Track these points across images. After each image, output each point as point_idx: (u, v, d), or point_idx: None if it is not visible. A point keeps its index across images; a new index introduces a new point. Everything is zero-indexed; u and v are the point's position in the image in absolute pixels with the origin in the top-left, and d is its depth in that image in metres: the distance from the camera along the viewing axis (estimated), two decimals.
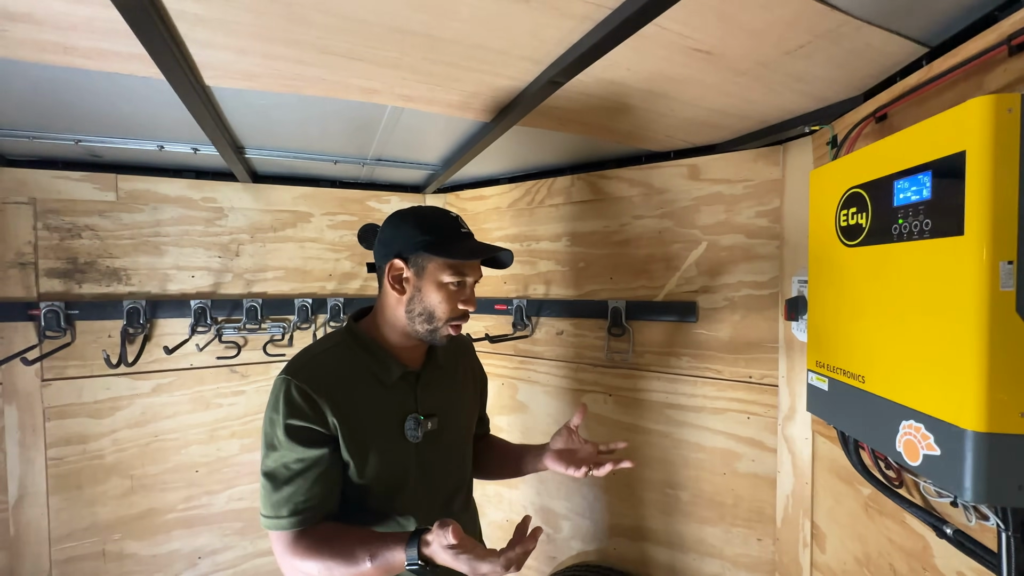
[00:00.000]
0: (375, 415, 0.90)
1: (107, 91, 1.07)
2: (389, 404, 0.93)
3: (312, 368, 0.89)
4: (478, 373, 1.18)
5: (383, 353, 0.94)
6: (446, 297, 0.91)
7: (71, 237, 1.54)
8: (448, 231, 0.92)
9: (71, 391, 1.55)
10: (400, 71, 0.94)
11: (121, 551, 1.62)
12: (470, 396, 1.11)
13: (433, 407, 0.97)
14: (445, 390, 1.03)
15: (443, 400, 1.01)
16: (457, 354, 1.10)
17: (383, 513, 0.93)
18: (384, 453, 0.90)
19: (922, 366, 0.63)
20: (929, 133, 0.62)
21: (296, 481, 0.83)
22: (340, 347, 0.95)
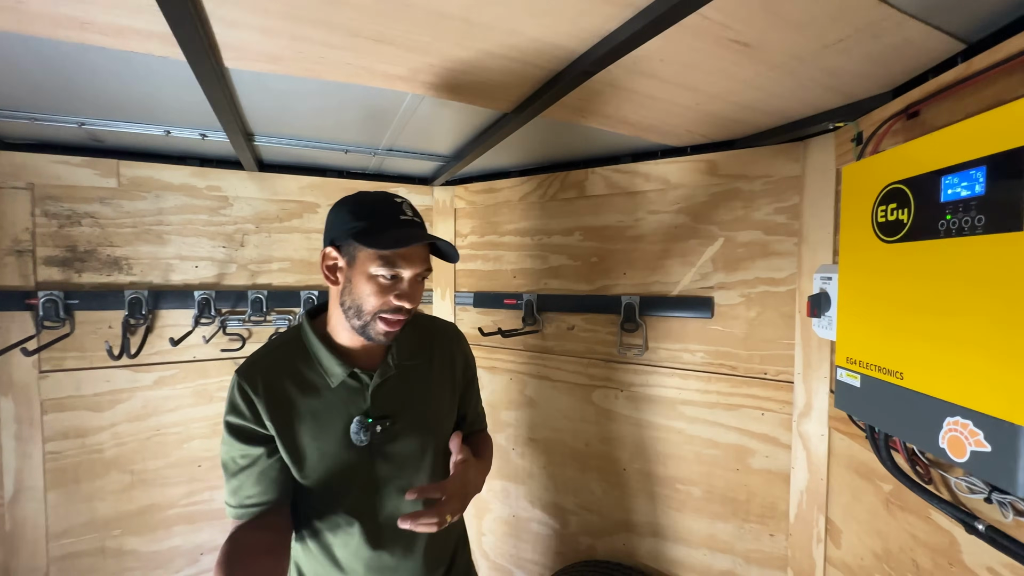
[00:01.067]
0: (316, 418, 0.88)
1: (119, 72, 1.03)
2: (333, 405, 0.89)
3: (256, 369, 0.89)
4: (461, 366, 1.07)
5: (328, 353, 0.90)
6: (376, 290, 0.84)
7: (70, 224, 1.49)
8: (383, 218, 0.84)
9: (70, 383, 1.50)
10: (428, 57, 0.92)
11: (120, 547, 1.58)
12: (446, 392, 1.02)
13: (388, 408, 0.92)
14: (410, 388, 0.96)
15: (405, 399, 0.94)
16: (434, 346, 1.03)
17: (329, 514, 0.91)
18: (324, 457, 0.88)
19: (971, 362, 0.63)
20: (984, 129, 0.62)
21: (240, 476, 0.85)
22: (288, 346, 0.93)
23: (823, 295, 1.10)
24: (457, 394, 1.06)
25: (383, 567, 0.92)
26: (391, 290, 0.85)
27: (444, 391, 1.03)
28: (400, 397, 0.94)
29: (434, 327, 1.08)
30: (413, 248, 0.85)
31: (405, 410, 0.94)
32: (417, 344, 1.00)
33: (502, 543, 1.93)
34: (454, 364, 1.06)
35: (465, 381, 1.08)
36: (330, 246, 0.87)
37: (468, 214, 1.98)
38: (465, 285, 2.01)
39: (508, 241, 1.87)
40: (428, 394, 0.99)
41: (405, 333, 0.95)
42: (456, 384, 1.06)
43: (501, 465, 1.91)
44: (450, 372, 1.05)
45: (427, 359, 1.01)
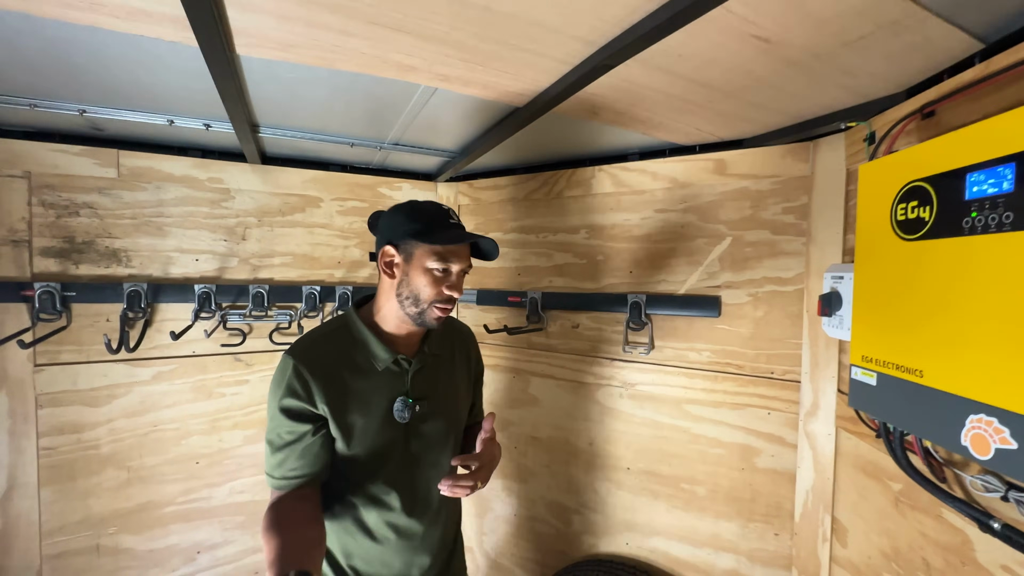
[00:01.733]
0: (365, 396, 0.99)
1: (124, 57, 1.00)
2: (379, 386, 1.01)
3: (311, 351, 0.98)
4: (474, 362, 1.23)
5: (376, 339, 1.01)
6: (431, 282, 0.97)
7: (68, 215, 1.46)
8: (436, 221, 0.99)
9: (65, 377, 1.47)
10: (445, 47, 0.91)
11: (116, 545, 1.55)
12: (463, 383, 1.17)
13: (424, 391, 1.05)
14: (438, 376, 1.10)
15: (435, 385, 1.08)
16: (454, 342, 1.17)
17: (367, 485, 1.01)
18: (370, 432, 0.99)
19: (996, 359, 0.63)
20: (1013, 125, 0.62)
21: (285, 450, 0.94)
22: (339, 331, 1.03)
23: (834, 294, 1.10)
24: (471, 385, 1.22)
25: (412, 534, 1.04)
26: (443, 282, 0.98)
27: (462, 381, 1.17)
28: (432, 383, 1.07)
29: (452, 326, 1.21)
30: (461, 246, 1.00)
31: (435, 394, 1.07)
32: (443, 338, 1.14)
33: (504, 542, 1.92)
34: (469, 358, 1.21)
35: (476, 374, 1.24)
36: (388, 245, 1.00)
37: (472, 211, 1.97)
38: (468, 282, 1.99)
39: (513, 238, 1.86)
40: (452, 382, 1.14)
41: (433, 330, 1.09)
42: (470, 376, 1.21)
43: (503, 464, 1.90)
44: (466, 365, 1.19)
45: (449, 352, 1.15)
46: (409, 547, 1.04)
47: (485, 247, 1.03)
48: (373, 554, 1.02)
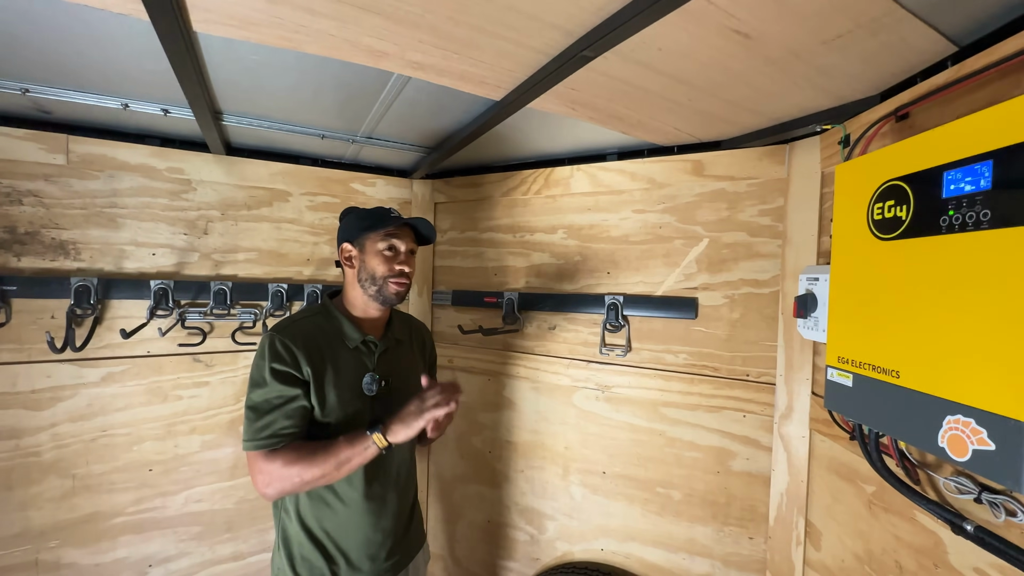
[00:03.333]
0: (339, 369, 1.13)
1: (70, 31, 0.93)
2: (351, 362, 1.16)
3: (293, 329, 1.13)
4: (428, 349, 1.43)
5: (348, 321, 1.19)
6: (383, 261, 1.16)
7: (10, 203, 1.35)
8: (380, 216, 1.17)
9: (4, 379, 1.36)
10: (418, 32, 0.87)
11: (58, 560, 1.44)
12: (420, 366, 1.34)
13: (388, 370, 1.20)
14: (400, 357, 1.27)
15: (397, 364, 1.24)
16: (411, 331, 1.36)
17: None
18: (343, 402, 1.12)
19: (974, 359, 0.62)
20: (991, 123, 0.61)
21: (274, 412, 1.06)
22: (317, 315, 1.20)
23: (809, 296, 1.10)
24: (426, 369, 1.39)
25: (374, 495, 1.16)
26: (393, 260, 1.17)
27: (419, 365, 1.34)
28: (395, 363, 1.24)
29: (410, 319, 1.43)
30: (402, 229, 1.20)
31: (398, 373, 1.23)
32: (403, 327, 1.34)
33: (476, 549, 1.87)
34: (424, 345, 1.41)
35: (431, 360, 1.44)
36: (345, 243, 1.21)
37: (448, 209, 1.92)
38: (443, 283, 1.95)
39: (489, 238, 1.82)
40: (412, 364, 1.31)
41: (395, 317, 1.31)
42: (425, 361, 1.40)
43: (476, 469, 1.85)
44: (421, 351, 1.38)
45: (408, 339, 1.33)
46: (373, 510, 1.15)
47: (424, 231, 1.23)
48: (342, 518, 1.13)
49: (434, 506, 2.00)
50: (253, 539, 1.71)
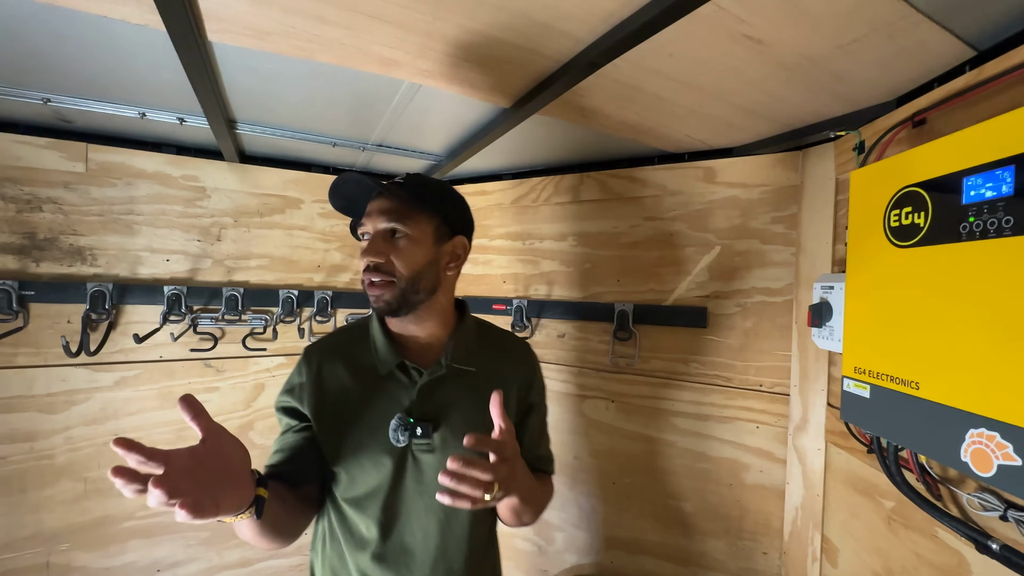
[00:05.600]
0: (359, 403, 0.86)
1: (91, 42, 0.95)
2: (377, 395, 0.86)
3: (318, 347, 0.93)
4: (521, 387, 0.95)
5: (384, 338, 0.90)
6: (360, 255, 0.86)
7: (30, 210, 1.38)
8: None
9: (20, 381, 1.38)
10: (429, 39, 0.87)
11: (68, 563, 1.45)
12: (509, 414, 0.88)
13: (434, 413, 0.85)
14: (459, 398, 0.88)
15: (451, 408, 0.87)
16: (494, 358, 0.94)
17: (350, 514, 0.87)
18: (358, 448, 0.84)
19: (998, 370, 0.60)
20: (1012, 127, 0.60)
21: (278, 440, 0.88)
22: (353, 330, 0.96)
23: (824, 304, 1.08)
24: (513, 416, 0.93)
25: None
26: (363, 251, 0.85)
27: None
28: (446, 403, 0.88)
29: (502, 339, 1.03)
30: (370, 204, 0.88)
31: (449, 419, 0.86)
32: (475, 350, 0.94)
33: None
34: (516, 382, 0.96)
35: (525, 407, 0.98)
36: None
37: None
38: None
39: (498, 245, 1.82)
40: (480, 411, 0.82)
41: (463, 335, 0.94)
42: (512, 405, 0.94)
43: None
44: (509, 391, 0.93)
45: (483, 369, 0.92)
46: None
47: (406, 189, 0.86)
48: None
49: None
50: None
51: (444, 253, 0.91)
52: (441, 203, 0.91)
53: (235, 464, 0.64)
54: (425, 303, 0.89)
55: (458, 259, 0.94)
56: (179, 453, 0.59)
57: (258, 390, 1.69)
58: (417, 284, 0.85)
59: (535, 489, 0.86)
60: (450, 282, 0.95)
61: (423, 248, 0.86)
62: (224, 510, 0.60)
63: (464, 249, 0.95)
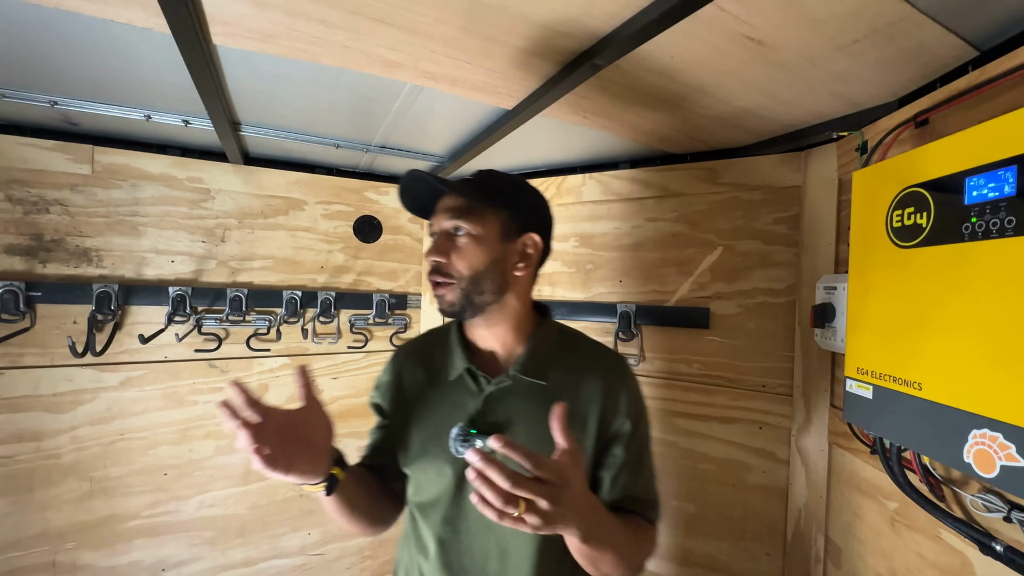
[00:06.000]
0: (429, 406, 0.85)
1: (97, 45, 0.96)
2: (445, 400, 0.84)
3: (404, 349, 0.96)
4: (606, 408, 0.81)
5: (459, 343, 0.87)
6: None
7: (37, 211, 1.40)
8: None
9: (27, 382, 1.39)
10: (431, 42, 0.88)
11: (75, 561, 1.46)
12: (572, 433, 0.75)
13: (498, 426, 0.78)
14: (530, 412, 0.79)
15: (519, 422, 0.79)
16: (576, 372, 0.83)
17: (418, 518, 0.86)
18: (424, 452, 0.83)
19: (1001, 371, 0.60)
20: (1014, 127, 0.60)
21: (369, 434, 0.93)
22: (437, 333, 0.96)
23: (827, 305, 1.08)
24: (592, 444, 0.80)
25: None
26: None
27: (576, 432, 0.80)
28: (512, 416, 0.80)
29: (590, 352, 0.90)
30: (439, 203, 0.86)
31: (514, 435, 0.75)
32: (551, 362, 0.84)
33: None
34: (599, 403, 0.82)
35: (610, 434, 0.82)
36: None
37: None
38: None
39: None
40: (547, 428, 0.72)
41: (539, 344, 0.85)
42: (591, 429, 0.81)
43: None
44: (589, 413, 0.81)
45: (558, 384, 0.82)
46: None
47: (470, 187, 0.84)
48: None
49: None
50: (264, 545, 1.72)
51: (512, 251, 0.84)
52: (509, 197, 0.86)
53: (317, 437, 0.71)
54: (493, 305, 0.83)
55: (528, 258, 0.86)
56: (276, 412, 0.68)
57: (262, 391, 1.70)
58: (480, 285, 0.80)
59: (616, 534, 0.70)
60: (522, 283, 0.87)
61: (486, 246, 0.81)
62: (294, 473, 0.67)
63: (536, 247, 0.86)
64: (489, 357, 0.87)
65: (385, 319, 1.87)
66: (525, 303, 0.88)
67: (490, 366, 0.86)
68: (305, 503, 1.78)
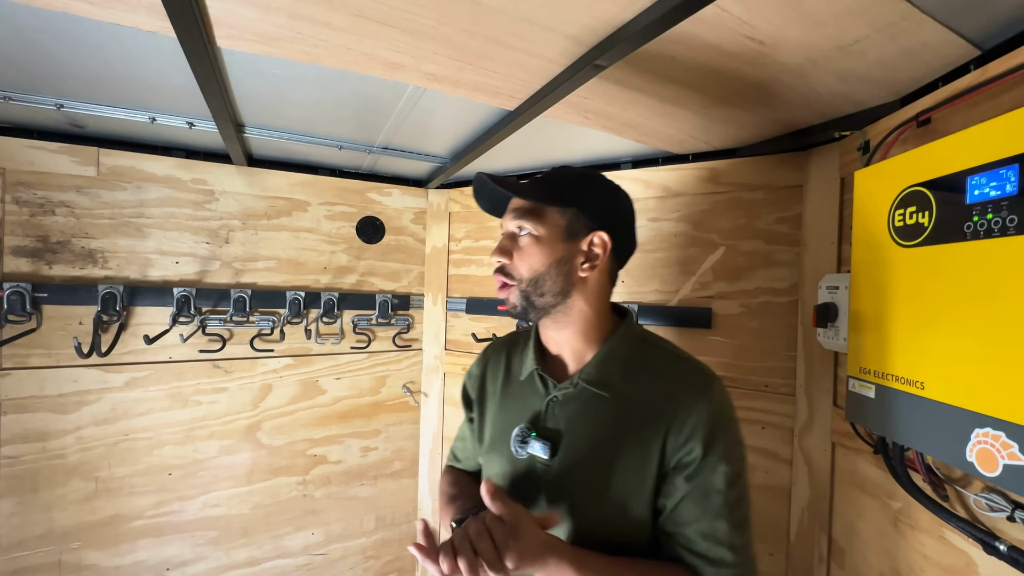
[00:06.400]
0: (502, 402, 0.88)
1: (103, 48, 0.97)
2: (515, 398, 0.85)
3: (493, 345, 0.99)
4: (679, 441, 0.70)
5: (535, 344, 0.87)
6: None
7: (43, 213, 1.41)
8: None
9: (33, 382, 1.40)
10: (433, 44, 0.88)
11: (79, 561, 1.47)
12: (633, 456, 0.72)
13: (557, 433, 0.75)
14: (591, 422, 0.74)
15: (580, 434, 0.74)
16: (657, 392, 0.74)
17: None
18: (491, 449, 0.86)
19: (1003, 369, 0.60)
20: (1015, 126, 0.60)
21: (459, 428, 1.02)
22: (523, 332, 0.96)
23: (831, 305, 1.08)
24: (655, 471, 0.71)
25: None
26: None
27: (632, 453, 0.73)
28: (573, 425, 0.76)
29: (669, 366, 0.79)
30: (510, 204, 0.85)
31: (573, 445, 0.74)
32: (621, 372, 0.78)
33: None
34: (665, 424, 0.72)
35: (676, 459, 0.71)
36: None
37: (463, 218, 1.94)
38: (458, 291, 1.96)
39: None
40: (611, 443, 0.72)
41: (611, 352, 0.79)
42: (654, 452, 0.72)
43: None
44: (654, 433, 0.72)
45: (623, 397, 0.76)
46: None
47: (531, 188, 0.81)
48: None
49: None
50: (268, 545, 1.73)
51: (577, 251, 0.79)
52: (576, 195, 0.80)
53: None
54: (558, 308, 0.79)
55: (595, 258, 0.80)
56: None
57: (265, 391, 1.71)
58: (540, 286, 0.78)
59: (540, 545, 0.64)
60: (591, 285, 0.81)
61: (547, 247, 0.78)
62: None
63: (604, 246, 0.80)
64: (558, 361, 0.84)
65: (388, 320, 1.88)
66: (595, 306, 0.82)
67: (558, 370, 0.84)
68: (308, 503, 1.79)
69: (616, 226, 0.82)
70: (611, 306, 0.87)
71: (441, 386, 1.96)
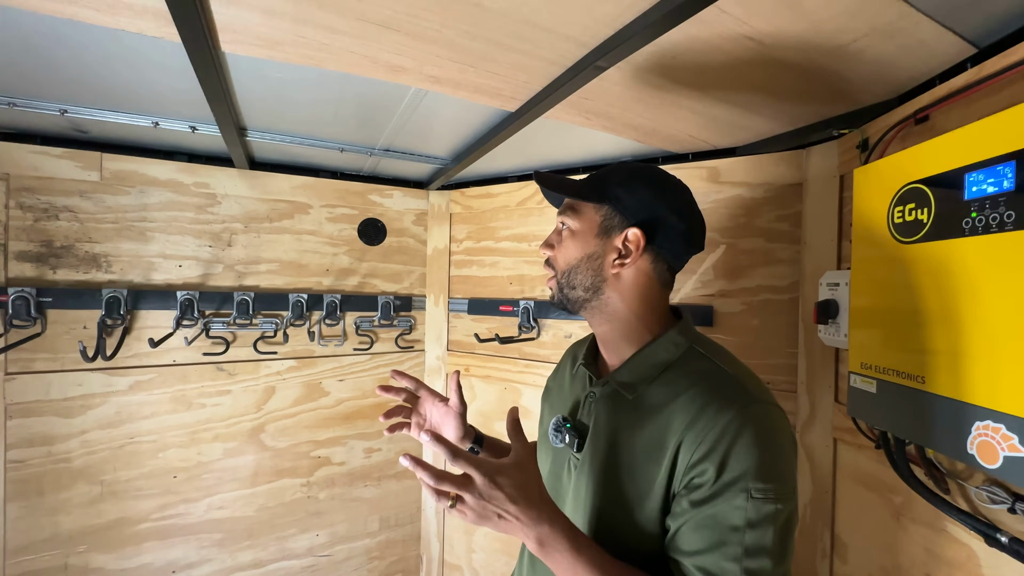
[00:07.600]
0: (555, 395, 0.93)
1: (107, 54, 0.98)
2: (564, 388, 0.91)
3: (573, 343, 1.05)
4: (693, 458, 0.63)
5: (591, 339, 0.91)
6: None
7: (47, 218, 1.41)
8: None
9: (38, 387, 1.41)
10: (436, 47, 0.89)
11: (86, 564, 1.47)
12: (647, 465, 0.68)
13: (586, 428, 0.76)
14: (618, 423, 0.73)
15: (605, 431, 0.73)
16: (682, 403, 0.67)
17: None
18: (543, 436, 0.90)
19: (1002, 363, 0.61)
20: (1012, 123, 0.61)
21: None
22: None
23: (832, 301, 1.08)
24: (663, 482, 0.66)
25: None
26: None
27: (642, 462, 0.68)
28: (601, 422, 0.75)
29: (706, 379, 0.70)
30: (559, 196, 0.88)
31: (597, 440, 0.73)
32: (653, 378, 0.73)
33: (493, 560, 1.86)
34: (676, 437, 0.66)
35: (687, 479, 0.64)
36: None
37: (464, 219, 1.95)
38: (460, 291, 1.96)
39: (504, 247, 1.84)
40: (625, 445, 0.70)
41: (648, 355, 0.75)
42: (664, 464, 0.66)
43: None
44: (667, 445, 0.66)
45: (645, 403, 0.72)
46: None
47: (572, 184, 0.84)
48: None
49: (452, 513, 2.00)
50: (272, 546, 1.73)
51: (610, 248, 0.76)
52: (615, 191, 0.78)
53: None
54: (592, 303, 0.78)
55: (627, 255, 0.76)
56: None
57: (269, 393, 1.71)
58: (571, 280, 0.79)
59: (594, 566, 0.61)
60: (627, 283, 0.77)
61: (580, 242, 0.79)
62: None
63: (636, 243, 0.75)
64: (604, 359, 0.85)
65: (390, 321, 1.89)
66: (633, 305, 0.77)
67: (603, 367, 0.85)
68: (312, 505, 1.80)
69: (656, 223, 0.76)
70: (668, 308, 0.82)
71: (443, 387, 1.97)
